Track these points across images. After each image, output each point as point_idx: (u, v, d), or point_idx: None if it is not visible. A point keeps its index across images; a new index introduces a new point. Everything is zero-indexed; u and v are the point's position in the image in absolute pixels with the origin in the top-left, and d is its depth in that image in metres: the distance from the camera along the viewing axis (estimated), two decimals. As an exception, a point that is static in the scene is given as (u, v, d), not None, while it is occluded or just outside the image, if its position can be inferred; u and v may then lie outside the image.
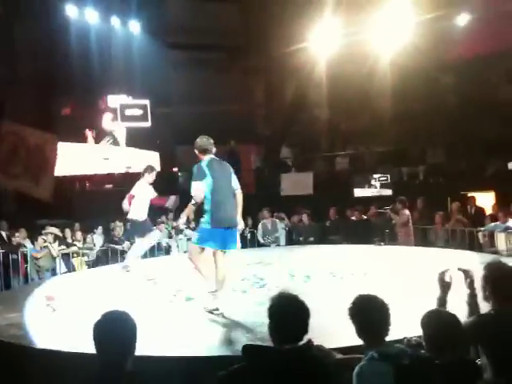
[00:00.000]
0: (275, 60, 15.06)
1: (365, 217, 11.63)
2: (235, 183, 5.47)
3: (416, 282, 5.92)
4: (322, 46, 14.15)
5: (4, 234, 10.06)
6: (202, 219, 5.42)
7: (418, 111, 13.59)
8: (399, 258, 8.18)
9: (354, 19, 12.87)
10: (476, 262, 5.85)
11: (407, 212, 9.99)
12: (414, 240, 9.97)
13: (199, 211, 5.59)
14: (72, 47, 13.84)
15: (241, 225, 5.57)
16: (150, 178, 7.96)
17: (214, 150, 5.54)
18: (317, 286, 6.32)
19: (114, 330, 2.35)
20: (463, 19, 13.31)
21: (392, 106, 13.64)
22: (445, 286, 3.17)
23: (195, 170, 5.36)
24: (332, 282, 6.64)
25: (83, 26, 14.22)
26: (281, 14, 14.57)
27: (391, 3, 12.47)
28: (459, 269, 3.23)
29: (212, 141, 5.52)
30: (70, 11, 14.02)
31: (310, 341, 2.52)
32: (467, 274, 3.20)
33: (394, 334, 2.80)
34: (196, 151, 5.50)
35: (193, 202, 5.44)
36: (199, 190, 5.26)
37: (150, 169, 8.01)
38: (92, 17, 14.50)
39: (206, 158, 5.40)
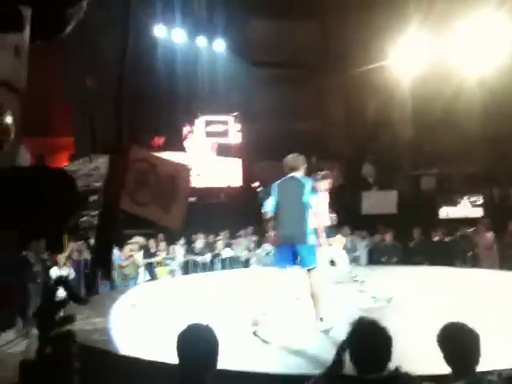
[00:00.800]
0: (355, 77, 14.88)
1: (447, 239, 11.12)
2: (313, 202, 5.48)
3: (507, 309, 5.56)
4: (405, 63, 13.85)
5: (92, 242, 10.54)
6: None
7: (507, 132, 12.88)
8: (487, 282, 7.72)
9: (440, 35, 12.50)
10: None
11: (490, 235, 9.46)
12: (498, 264, 9.43)
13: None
14: (159, 66, 14.36)
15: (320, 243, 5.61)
16: (325, 184, 7.51)
17: (296, 168, 5.59)
18: (399, 310, 6.08)
19: (198, 343, 2.35)
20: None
21: (480, 126, 13.03)
22: None
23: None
24: (415, 305, 6.36)
25: (170, 46, 14.77)
26: (361, 32, 14.39)
27: (482, 19, 11.97)
28: None
29: (297, 159, 5.64)
30: (159, 31, 14.61)
31: (397, 368, 2.42)
32: None
33: (485, 365, 2.62)
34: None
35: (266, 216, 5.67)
36: (266, 206, 5.57)
37: (325, 175, 7.54)
38: (179, 36, 15.00)
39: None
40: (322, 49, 16.77)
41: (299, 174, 5.60)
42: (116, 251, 10.30)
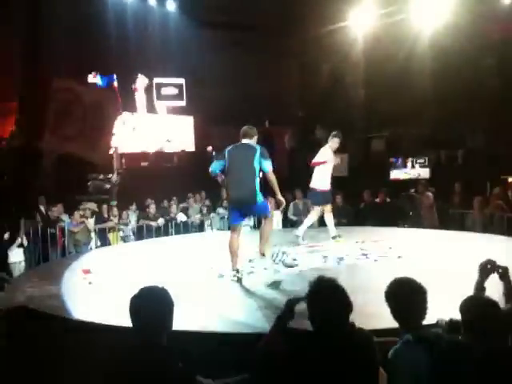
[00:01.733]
0: (310, 40, 14.83)
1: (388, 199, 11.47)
2: (265, 165, 5.73)
3: (452, 265, 5.82)
4: (358, 26, 13.92)
5: (42, 208, 10.31)
6: None
7: (458, 93, 13.20)
8: (431, 241, 8.04)
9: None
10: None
11: (431, 194, 9.90)
12: (438, 223, 9.96)
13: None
14: (108, 26, 13.85)
15: (281, 202, 5.99)
16: (335, 144, 8.05)
17: (249, 137, 5.89)
18: (350, 268, 6.28)
19: (151, 305, 2.37)
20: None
21: (431, 87, 13.29)
22: (483, 271, 3.07)
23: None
24: (365, 263, 6.57)
25: (120, 5, 14.23)
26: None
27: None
28: (490, 262, 3.09)
29: (249, 129, 5.94)
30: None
31: (352, 324, 2.52)
32: (500, 268, 3.07)
33: (431, 318, 2.75)
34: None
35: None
36: (211, 167, 5.87)
37: (335, 135, 8.08)
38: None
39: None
40: (276, 10, 16.53)
41: (252, 141, 5.89)
42: (66, 217, 10.14)
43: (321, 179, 8.05)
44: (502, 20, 12.84)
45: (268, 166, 5.75)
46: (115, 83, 13.34)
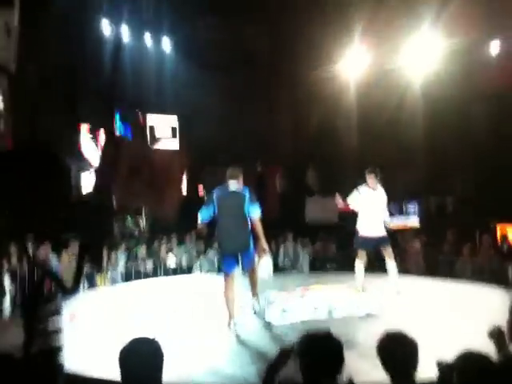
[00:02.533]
0: (302, 83, 15.13)
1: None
2: (253, 210, 5.76)
3: (444, 316, 5.77)
4: (350, 72, 14.23)
5: (29, 247, 10.13)
6: None
7: (447, 142, 13.43)
8: (420, 290, 7.98)
9: (383, 47, 12.91)
10: (504, 299, 5.66)
11: (417, 242, 9.96)
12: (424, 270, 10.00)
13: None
14: (103, 62, 14.04)
15: (264, 249, 5.95)
16: (369, 180, 7.63)
17: (235, 179, 5.84)
18: (342, 320, 6.18)
19: (142, 359, 2.29)
20: (496, 47, 13.16)
21: (421, 135, 13.52)
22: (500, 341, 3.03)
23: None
24: (356, 315, 6.46)
25: (116, 42, 14.49)
26: (309, 39, 14.62)
27: (422, 30, 12.47)
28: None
29: (235, 170, 5.90)
30: (104, 27, 14.30)
31: (350, 380, 2.48)
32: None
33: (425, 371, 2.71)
34: None
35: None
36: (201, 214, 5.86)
37: (368, 171, 7.66)
38: (125, 33, 14.77)
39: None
40: (271, 52, 16.91)
41: (238, 182, 5.86)
42: (54, 258, 9.98)
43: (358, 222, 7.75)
44: (491, 69, 13.20)
45: (256, 211, 5.78)
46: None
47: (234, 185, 5.82)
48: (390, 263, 7.55)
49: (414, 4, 12.32)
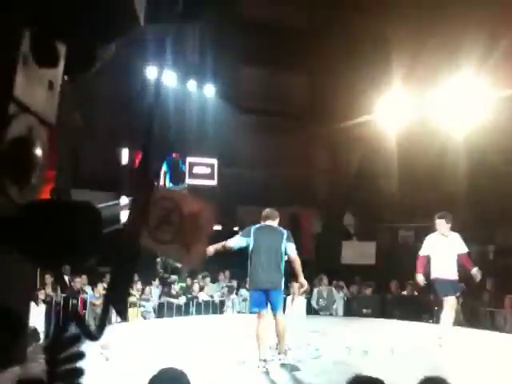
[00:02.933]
0: (341, 129, 15.18)
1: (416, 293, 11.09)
2: (290, 248, 5.73)
3: (479, 367, 5.53)
4: (391, 118, 14.20)
5: (66, 278, 10.33)
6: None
7: (489, 190, 13.13)
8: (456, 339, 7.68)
9: (426, 93, 12.88)
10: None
11: None
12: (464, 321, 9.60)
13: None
14: (148, 107, 14.45)
15: (303, 285, 5.99)
16: (438, 226, 7.38)
17: (272, 219, 5.91)
18: (375, 363, 6.01)
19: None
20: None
21: (463, 183, 13.27)
22: None
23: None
24: (391, 359, 6.29)
25: (161, 87, 14.93)
26: (348, 86, 14.75)
27: (467, 77, 12.35)
28: None
29: (272, 211, 5.97)
30: (150, 73, 14.81)
31: None
32: None
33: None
34: None
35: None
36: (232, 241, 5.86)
37: (437, 216, 7.36)
38: (170, 79, 15.24)
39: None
40: (309, 99, 17.19)
41: (276, 223, 5.94)
42: (89, 289, 10.12)
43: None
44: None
45: (293, 249, 5.77)
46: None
47: (272, 225, 5.90)
48: (450, 313, 7.08)
49: (458, 50, 12.28)
